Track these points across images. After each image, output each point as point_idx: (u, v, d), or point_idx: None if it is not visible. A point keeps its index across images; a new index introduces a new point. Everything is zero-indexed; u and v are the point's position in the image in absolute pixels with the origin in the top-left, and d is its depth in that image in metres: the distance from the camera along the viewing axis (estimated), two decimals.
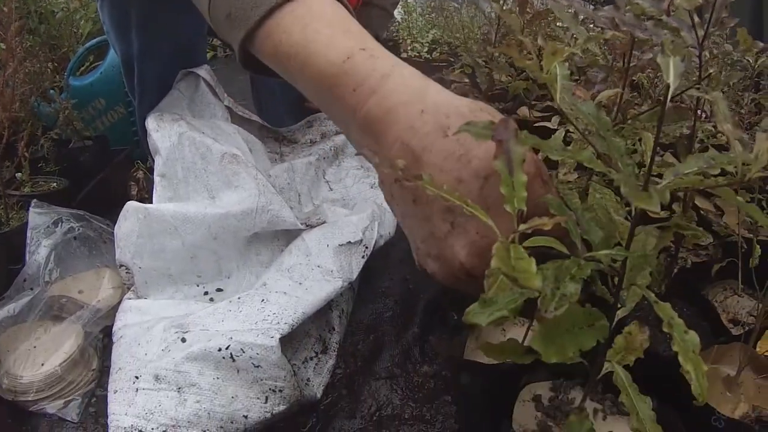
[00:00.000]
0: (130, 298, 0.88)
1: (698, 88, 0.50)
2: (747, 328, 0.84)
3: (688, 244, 0.85)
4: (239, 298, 0.80)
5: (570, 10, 0.81)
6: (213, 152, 0.89)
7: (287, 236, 0.96)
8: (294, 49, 0.42)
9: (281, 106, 1.14)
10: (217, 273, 0.92)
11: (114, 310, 0.88)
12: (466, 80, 1.65)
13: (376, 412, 0.84)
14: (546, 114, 1.42)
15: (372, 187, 1.12)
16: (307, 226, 0.95)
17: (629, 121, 0.61)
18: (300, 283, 0.83)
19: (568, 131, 0.90)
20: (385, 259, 1.28)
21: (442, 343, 0.88)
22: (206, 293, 0.91)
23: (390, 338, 1.00)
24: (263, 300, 0.78)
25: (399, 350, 0.97)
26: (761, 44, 0.59)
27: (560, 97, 0.44)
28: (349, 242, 0.89)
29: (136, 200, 1.00)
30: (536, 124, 1.35)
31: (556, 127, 1.41)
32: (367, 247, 0.91)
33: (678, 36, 0.54)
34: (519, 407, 0.64)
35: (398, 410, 0.85)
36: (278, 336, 0.73)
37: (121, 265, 0.89)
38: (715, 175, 0.43)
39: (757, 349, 0.74)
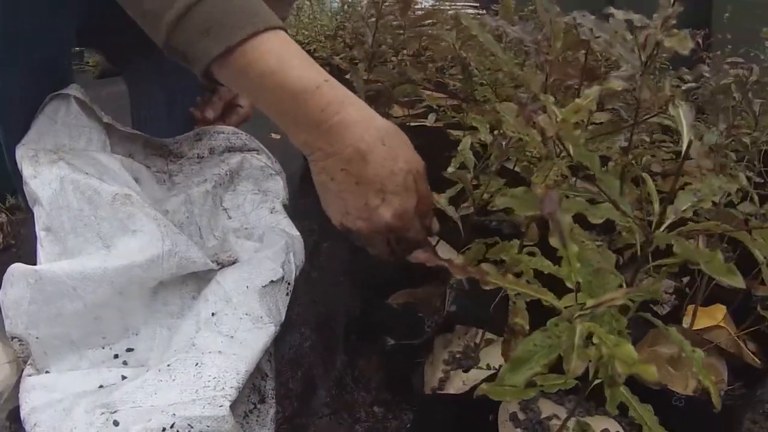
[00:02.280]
0: (30, 375, 0.73)
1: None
2: (669, 308, 0.93)
3: None
4: (168, 365, 0.69)
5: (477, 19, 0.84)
6: (102, 195, 0.76)
7: (196, 279, 0.86)
8: (270, 69, 0.55)
9: (165, 126, 1.01)
10: (123, 331, 0.80)
11: (15, 389, 0.72)
12: None
13: None
14: (420, 111, 1.51)
15: (272, 213, 1.05)
16: (218, 264, 0.86)
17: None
18: (232, 337, 0.75)
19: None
20: None
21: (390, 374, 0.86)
22: (116, 356, 0.79)
23: (318, 370, 0.95)
24: (197, 363, 0.69)
25: (332, 382, 0.93)
26: None
27: (575, 151, 0.45)
28: (272, 281, 0.82)
29: (2, 247, 0.82)
30: (412, 123, 1.42)
31: (432, 124, 1.51)
32: (289, 284, 0.86)
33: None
34: (501, 428, 0.66)
35: None
36: (227, 403, 0.66)
37: (13, 337, 0.73)
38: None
39: (693, 326, 0.82)
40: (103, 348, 0.78)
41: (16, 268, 0.70)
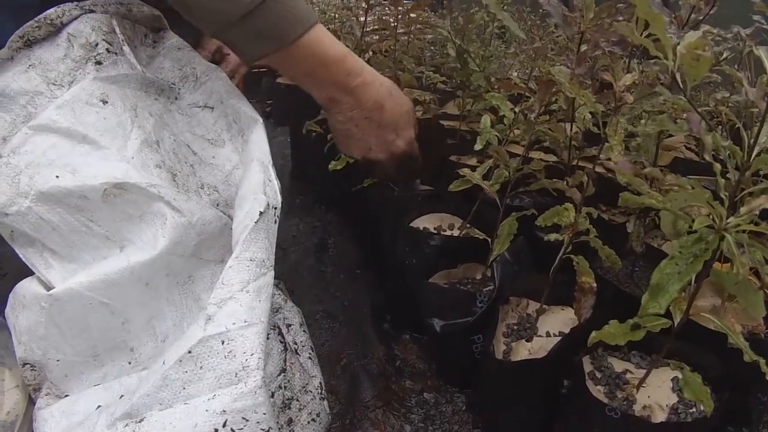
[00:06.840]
0: (50, 405, 0.64)
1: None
2: None
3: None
4: (189, 351, 0.60)
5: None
6: (89, 196, 0.66)
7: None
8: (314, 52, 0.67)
9: None
10: (152, 338, 0.71)
11: (27, 418, 0.64)
12: None
13: None
14: None
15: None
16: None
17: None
18: (248, 292, 0.63)
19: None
20: (302, 282, 1.18)
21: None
22: (136, 362, 0.72)
23: (359, 363, 0.92)
24: (224, 341, 0.56)
25: (375, 372, 0.90)
26: None
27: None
28: (261, 212, 0.64)
29: None
30: None
31: (420, 117, 1.54)
32: (276, 208, 0.68)
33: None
34: (589, 386, 0.66)
35: None
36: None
37: (25, 364, 0.64)
38: None
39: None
40: (130, 363, 0.70)
41: (26, 291, 0.61)
